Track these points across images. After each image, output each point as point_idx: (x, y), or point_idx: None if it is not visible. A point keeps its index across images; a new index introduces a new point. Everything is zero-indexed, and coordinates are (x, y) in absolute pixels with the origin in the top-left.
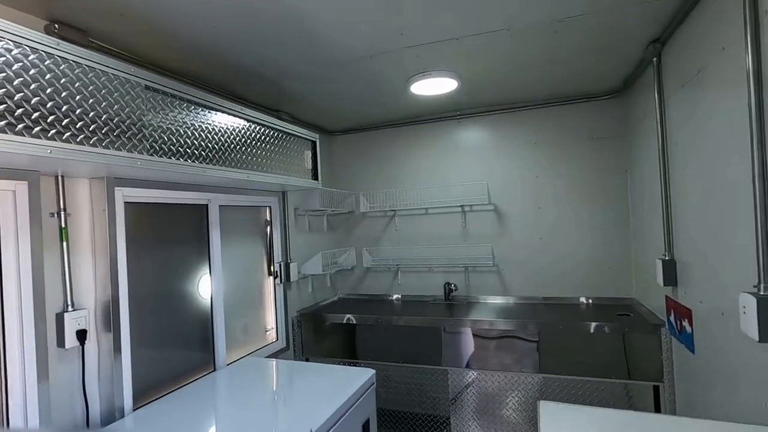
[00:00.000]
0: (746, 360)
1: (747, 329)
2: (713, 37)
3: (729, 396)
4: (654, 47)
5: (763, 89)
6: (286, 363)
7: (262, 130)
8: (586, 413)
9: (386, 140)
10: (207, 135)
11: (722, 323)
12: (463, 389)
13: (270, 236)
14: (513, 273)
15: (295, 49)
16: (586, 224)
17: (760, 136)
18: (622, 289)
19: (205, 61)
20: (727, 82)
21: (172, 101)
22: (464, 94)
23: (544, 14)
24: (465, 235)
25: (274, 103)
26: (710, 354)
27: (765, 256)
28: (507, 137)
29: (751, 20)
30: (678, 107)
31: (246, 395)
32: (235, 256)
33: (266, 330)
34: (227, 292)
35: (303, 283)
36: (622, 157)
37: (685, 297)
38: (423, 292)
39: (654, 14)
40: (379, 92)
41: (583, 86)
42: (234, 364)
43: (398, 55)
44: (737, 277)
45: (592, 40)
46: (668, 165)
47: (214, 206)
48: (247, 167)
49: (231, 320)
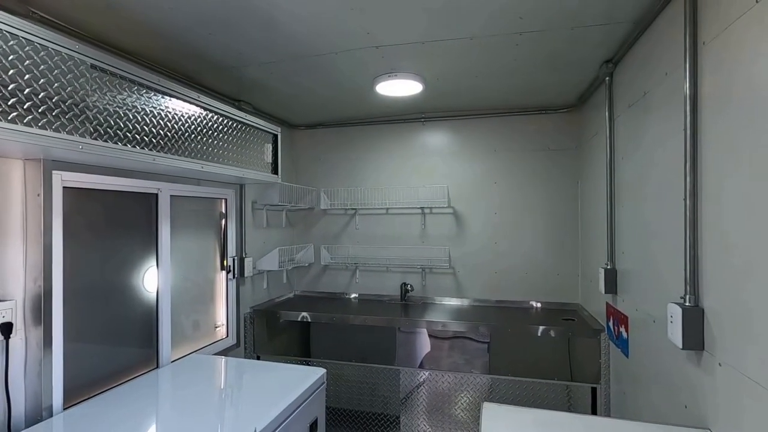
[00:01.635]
0: (671, 365)
1: (673, 337)
2: (658, 62)
3: (656, 398)
4: (607, 67)
5: (698, 114)
6: (234, 361)
7: (219, 120)
8: (525, 414)
9: (350, 138)
10: (159, 121)
11: (653, 330)
12: (415, 389)
13: (224, 230)
14: (468, 275)
15: (257, 37)
16: (539, 231)
17: (693, 158)
18: (569, 294)
19: (161, 43)
20: (668, 106)
21: (121, 83)
22: (429, 98)
23: (507, 27)
24: (424, 237)
25: (234, 93)
26: (642, 358)
27: (691, 269)
28: (469, 143)
29: (690, 49)
30: (625, 126)
31: (189, 394)
32: (186, 248)
33: (216, 326)
34: (175, 286)
35: (258, 278)
36: (574, 169)
37: (623, 304)
38: (380, 291)
39: (607, 36)
40: (344, 89)
41: (541, 99)
42: (179, 361)
43: (364, 54)
44: (668, 288)
45: (550, 56)
46: (614, 179)
47: (164, 196)
48: (202, 157)
49: (178, 315)
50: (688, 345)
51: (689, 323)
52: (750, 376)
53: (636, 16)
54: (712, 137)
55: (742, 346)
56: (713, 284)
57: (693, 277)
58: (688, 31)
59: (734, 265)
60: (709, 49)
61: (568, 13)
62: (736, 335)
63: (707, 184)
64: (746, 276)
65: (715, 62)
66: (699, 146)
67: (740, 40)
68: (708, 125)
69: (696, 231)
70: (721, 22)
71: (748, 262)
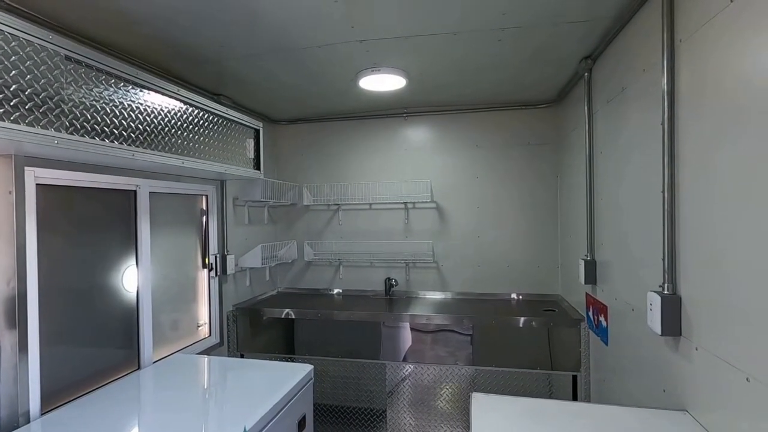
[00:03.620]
0: (650, 351)
1: (652, 324)
2: (636, 59)
3: (635, 383)
4: (586, 63)
5: (675, 110)
6: (218, 359)
7: (200, 114)
8: (514, 403)
9: (333, 133)
10: (138, 115)
11: (633, 318)
12: (400, 382)
13: (206, 227)
14: (451, 269)
15: (237, 29)
16: (521, 224)
17: (670, 152)
18: (550, 286)
19: (139, 36)
20: (645, 102)
21: (98, 76)
22: (412, 93)
23: (489, 22)
24: (407, 232)
25: (214, 87)
26: (621, 346)
27: (669, 259)
28: (451, 138)
29: (667, 46)
30: (604, 121)
31: (173, 394)
32: (167, 246)
33: (198, 325)
34: (156, 285)
35: (240, 276)
36: (554, 163)
37: (603, 294)
38: (364, 286)
39: (586, 33)
40: (328, 84)
41: (523, 95)
42: (161, 361)
43: (347, 48)
44: (646, 278)
45: (531, 52)
46: (593, 173)
47: (143, 193)
48: (183, 153)
49: (159, 315)
50: (667, 331)
51: (667, 310)
52: (724, 358)
53: (615, 12)
54: (688, 132)
55: (717, 330)
56: (690, 273)
57: (671, 266)
58: (666, 28)
59: (709, 254)
60: (686, 47)
61: (550, 10)
62: (712, 320)
63: (684, 178)
64: (720, 265)
65: (691, 59)
66: (676, 141)
67: (715, 39)
68: (684, 121)
69: (673, 223)
70: (697, 21)
71: (721, 252)
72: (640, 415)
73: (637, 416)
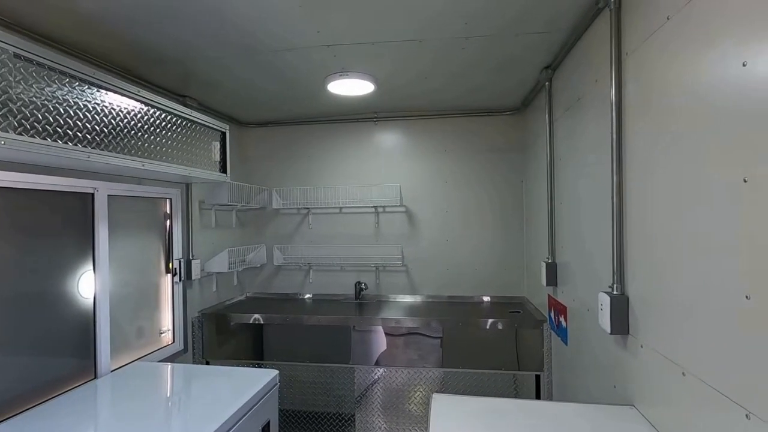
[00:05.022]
0: (602, 349)
1: (603, 323)
2: (589, 70)
3: (591, 380)
4: (546, 73)
5: (622, 119)
6: (182, 367)
7: (162, 116)
8: (472, 402)
9: (303, 136)
10: (95, 116)
11: (587, 318)
12: (370, 386)
13: (169, 231)
14: (421, 273)
15: (203, 29)
16: (488, 228)
17: (618, 159)
18: (516, 288)
19: (97, 32)
20: (597, 111)
21: (50, 74)
22: (381, 98)
23: (452, 31)
24: (377, 235)
25: (179, 88)
26: (578, 345)
27: (618, 260)
28: (420, 142)
29: (615, 59)
30: (563, 128)
31: (131, 404)
32: (127, 251)
33: (161, 332)
34: (115, 291)
35: (206, 281)
36: (519, 168)
37: (563, 295)
38: (334, 290)
39: (546, 44)
40: (296, 87)
41: (489, 102)
42: (120, 370)
43: (315, 53)
44: (600, 279)
45: (495, 60)
46: (554, 179)
47: (101, 196)
48: (143, 155)
49: (119, 322)
50: (616, 330)
51: (616, 310)
52: (664, 354)
53: (571, 25)
54: (634, 140)
55: (658, 328)
56: (636, 274)
57: (619, 267)
58: (613, 42)
59: (651, 256)
60: (632, 60)
61: (510, 21)
62: (653, 319)
63: (630, 184)
64: (659, 265)
65: (636, 71)
66: (624, 149)
67: (656, 53)
68: (631, 129)
69: (621, 226)
70: (640, 36)
71: (660, 253)
72: (589, 411)
73: (586, 412)
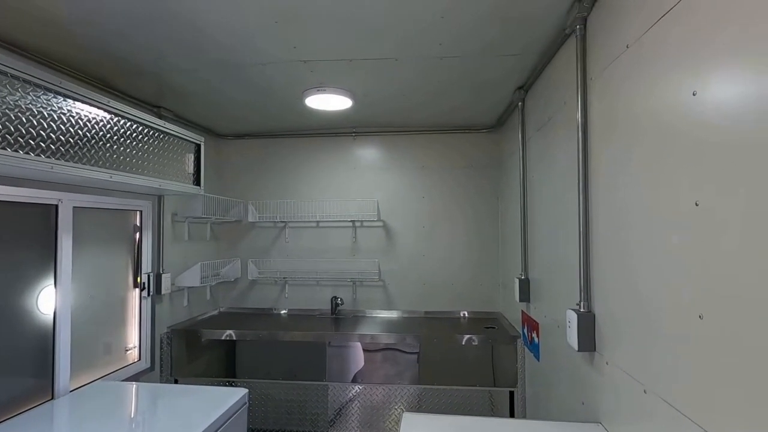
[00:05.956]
0: (571, 366)
1: (571, 340)
2: (558, 92)
3: (561, 397)
4: (519, 93)
5: (588, 140)
6: (147, 386)
7: (133, 127)
8: (442, 421)
9: (281, 150)
10: (60, 126)
11: (557, 335)
12: (345, 404)
13: (139, 244)
14: (398, 288)
15: (179, 41)
16: (464, 244)
17: (585, 178)
18: (491, 304)
19: (66, 40)
20: (566, 131)
21: (12, 83)
22: (359, 113)
23: (427, 51)
24: (354, 250)
25: (154, 99)
26: (550, 361)
27: (584, 278)
28: (398, 158)
29: (581, 83)
30: (535, 147)
31: (89, 426)
32: (93, 265)
33: (127, 349)
34: (78, 307)
35: (177, 296)
36: (495, 185)
37: (535, 311)
38: (310, 306)
39: (518, 65)
40: (274, 100)
41: (465, 119)
42: (79, 390)
43: (292, 67)
44: (569, 296)
45: (470, 80)
46: (526, 196)
47: (66, 207)
48: (112, 166)
49: (81, 339)
50: (583, 347)
51: (583, 327)
52: (628, 372)
53: (541, 48)
54: (599, 162)
55: (622, 345)
56: (601, 291)
57: (586, 285)
58: (579, 67)
59: (615, 273)
60: (596, 84)
61: (483, 42)
62: (618, 336)
63: (596, 204)
64: (622, 283)
65: (600, 95)
66: (589, 169)
67: (618, 79)
68: (596, 151)
69: (588, 244)
70: (603, 62)
71: (622, 271)
72: (556, 429)
73: (553, 430)
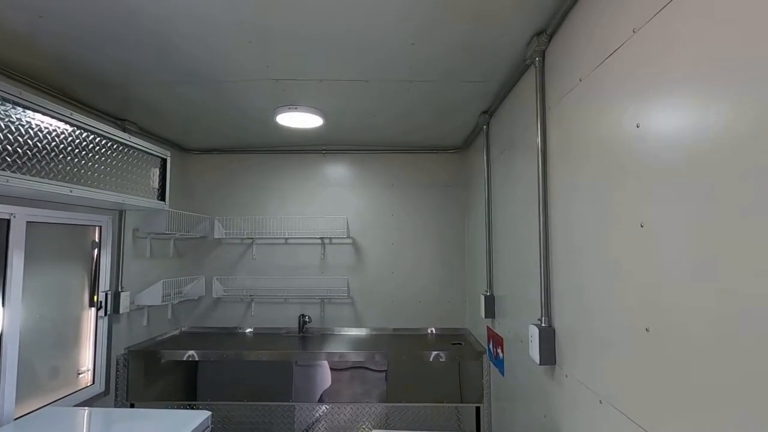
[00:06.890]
0: (533, 380)
1: (533, 354)
2: (520, 118)
3: (525, 411)
4: (484, 117)
5: (547, 164)
6: (101, 411)
7: (96, 140)
8: None
9: (250, 165)
10: (17, 138)
11: (520, 350)
12: (312, 424)
13: (97, 260)
14: (366, 305)
15: (146, 53)
16: (432, 261)
17: (544, 200)
18: (458, 320)
19: (25, 49)
20: (528, 155)
21: None
22: (329, 131)
23: (396, 74)
24: (323, 267)
25: (118, 111)
26: (514, 376)
27: (545, 294)
28: (368, 176)
29: (540, 111)
30: (499, 169)
31: None
32: (45, 282)
33: (79, 372)
34: (27, 327)
35: (136, 315)
36: (462, 204)
37: (500, 327)
38: (277, 324)
39: (483, 91)
40: (244, 117)
41: (433, 140)
42: (25, 417)
43: (264, 85)
44: (531, 311)
45: (437, 103)
46: (491, 215)
47: (19, 222)
48: (72, 180)
49: (29, 362)
50: (544, 361)
51: (544, 341)
52: (585, 383)
53: (503, 77)
54: (557, 184)
55: (580, 358)
56: (561, 307)
57: (547, 300)
58: (538, 96)
59: (572, 290)
60: (554, 112)
61: (450, 68)
62: (576, 349)
63: (554, 224)
64: (579, 299)
65: (558, 123)
66: (548, 191)
67: (572, 109)
68: (554, 174)
69: (548, 261)
70: (560, 92)
71: (578, 287)
72: None
73: None
